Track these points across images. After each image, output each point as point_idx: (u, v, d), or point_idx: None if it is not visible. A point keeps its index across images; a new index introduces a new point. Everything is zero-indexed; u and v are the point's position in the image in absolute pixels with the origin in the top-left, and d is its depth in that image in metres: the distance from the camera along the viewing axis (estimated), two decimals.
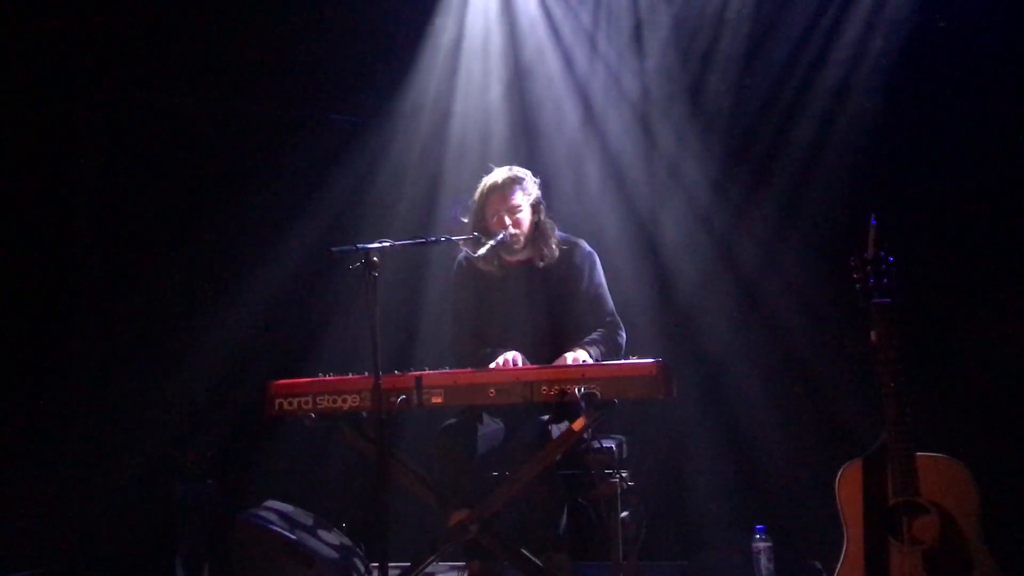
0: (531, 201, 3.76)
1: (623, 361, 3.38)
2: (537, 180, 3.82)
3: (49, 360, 4.99)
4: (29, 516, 4.57)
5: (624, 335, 3.77)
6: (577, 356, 3.52)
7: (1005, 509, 3.62)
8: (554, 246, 3.76)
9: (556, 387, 3.27)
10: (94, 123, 5.15)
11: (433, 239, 3.75)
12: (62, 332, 5.05)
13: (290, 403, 3.55)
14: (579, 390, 3.21)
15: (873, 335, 2.97)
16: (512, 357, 3.55)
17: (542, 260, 3.77)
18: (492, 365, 3.54)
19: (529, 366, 3.51)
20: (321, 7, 5.29)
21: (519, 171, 3.81)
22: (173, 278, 5.24)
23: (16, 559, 4.32)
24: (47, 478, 4.73)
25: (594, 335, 3.68)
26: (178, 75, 5.25)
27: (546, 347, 3.67)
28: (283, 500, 4.16)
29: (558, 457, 3.39)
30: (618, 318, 3.79)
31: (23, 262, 4.96)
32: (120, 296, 5.13)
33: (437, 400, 3.41)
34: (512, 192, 3.72)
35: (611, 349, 3.67)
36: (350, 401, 3.47)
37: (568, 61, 5.20)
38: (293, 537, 3.88)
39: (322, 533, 4.05)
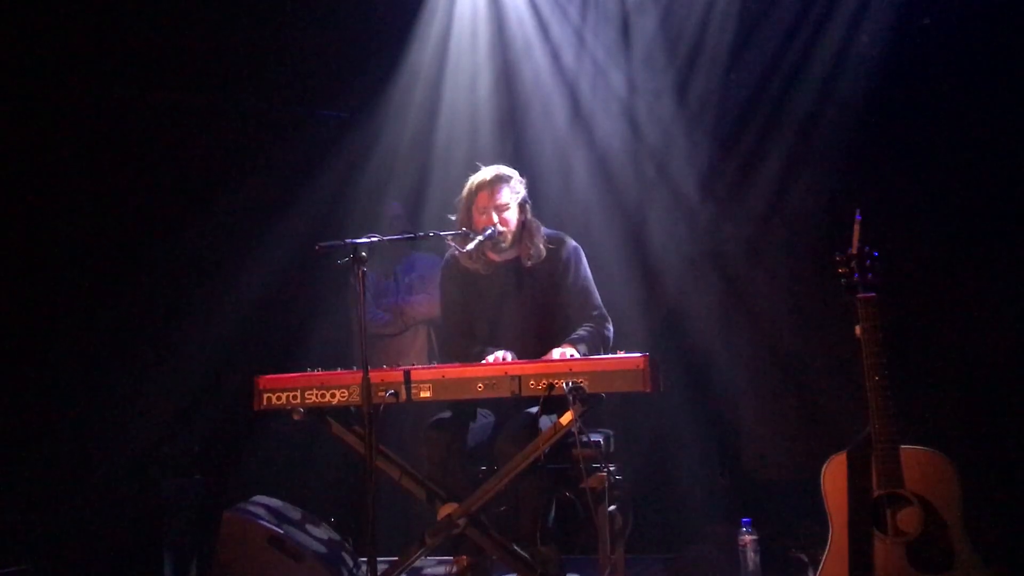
0: (518, 200, 3.76)
1: (610, 355, 3.40)
2: (523, 180, 3.83)
3: (35, 355, 4.96)
4: (16, 512, 4.54)
5: (611, 328, 3.78)
6: (564, 352, 3.53)
7: (987, 501, 3.67)
8: (540, 245, 3.77)
9: (544, 381, 3.28)
10: (81, 118, 5.12)
11: (421, 234, 3.76)
12: (48, 327, 5.02)
13: (278, 397, 3.54)
14: (567, 384, 3.23)
15: (858, 329, 3.00)
16: (503, 356, 3.56)
17: (529, 259, 3.77)
18: (489, 359, 3.55)
19: (519, 361, 3.52)
20: (308, 3, 5.28)
21: (506, 170, 3.81)
22: (160, 273, 5.23)
23: (3, 554, 4.30)
24: (34, 473, 4.70)
25: (581, 331, 3.69)
26: (165, 72, 5.22)
27: (534, 343, 3.68)
28: (271, 495, 4.16)
29: (546, 451, 3.40)
30: (605, 312, 3.80)
31: (9, 257, 4.94)
32: (107, 291, 5.11)
33: (426, 395, 3.41)
34: (499, 190, 3.73)
35: (599, 343, 3.68)
36: (338, 395, 3.47)
37: (556, 56, 5.21)
38: (281, 531, 3.88)
39: (310, 528, 4.06)
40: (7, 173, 4.96)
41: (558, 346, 3.60)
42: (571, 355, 3.50)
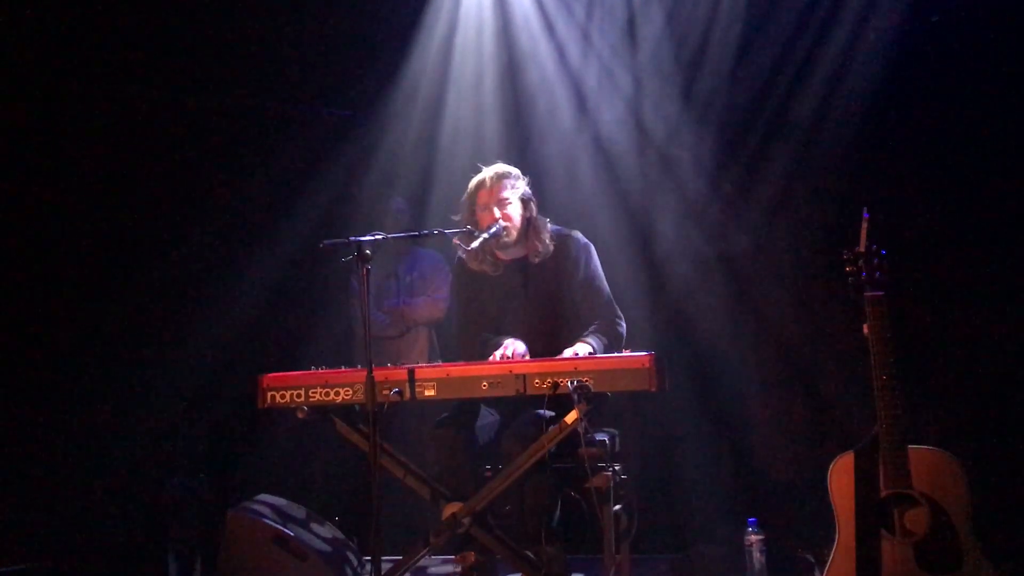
0: (519, 195, 3.75)
1: (616, 354, 3.38)
2: (526, 178, 3.81)
3: (40, 355, 4.96)
4: (21, 511, 4.55)
5: (624, 324, 3.75)
6: (577, 350, 3.52)
7: (995, 501, 3.65)
8: (547, 241, 3.75)
9: (548, 380, 3.27)
10: (85, 117, 5.13)
11: (426, 232, 3.75)
12: (51, 326, 5.02)
13: (282, 396, 3.54)
14: (571, 382, 3.22)
15: (865, 328, 2.98)
16: (512, 350, 3.54)
17: (536, 256, 3.76)
18: (497, 354, 3.54)
19: (523, 360, 3.50)
20: (313, 1, 5.27)
21: (506, 167, 3.80)
22: (164, 272, 5.22)
23: (8, 553, 4.30)
24: (39, 472, 4.71)
25: (593, 328, 3.67)
26: (169, 70, 5.22)
27: (543, 341, 3.66)
28: (275, 494, 4.16)
29: (551, 450, 3.39)
30: (616, 307, 3.77)
31: (14, 256, 4.94)
32: (111, 290, 5.11)
33: (430, 393, 3.41)
34: (499, 186, 3.72)
35: (611, 340, 3.66)
36: (342, 394, 3.47)
37: (561, 54, 5.20)
38: (286, 530, 3.87)
39: (315, 527, 4.05)
40: (10, 173, 4.97)
41: (569, 344, 3.58)
42: (585, 354, 3.48)
